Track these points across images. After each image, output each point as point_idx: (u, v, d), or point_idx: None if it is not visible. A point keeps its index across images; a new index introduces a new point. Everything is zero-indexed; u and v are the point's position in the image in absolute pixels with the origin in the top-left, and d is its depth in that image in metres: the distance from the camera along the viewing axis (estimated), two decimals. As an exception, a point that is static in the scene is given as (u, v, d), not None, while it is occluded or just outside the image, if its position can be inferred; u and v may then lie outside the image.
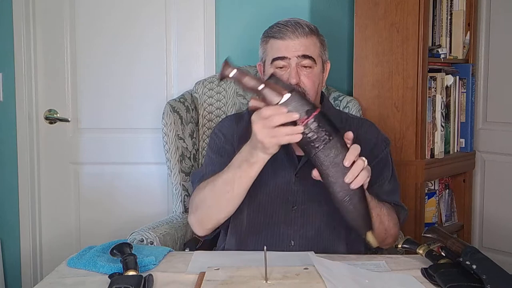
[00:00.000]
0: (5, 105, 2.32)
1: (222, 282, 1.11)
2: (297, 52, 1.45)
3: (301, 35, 1.46)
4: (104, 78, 2.32)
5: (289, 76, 1.45)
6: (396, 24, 2.05)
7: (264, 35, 1.54)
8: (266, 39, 1.52)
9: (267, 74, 1.52)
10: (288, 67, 1.46)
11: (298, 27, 1.47)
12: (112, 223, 2.33)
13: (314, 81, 1.47)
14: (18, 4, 2.26)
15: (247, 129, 1.55)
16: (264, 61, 1.54)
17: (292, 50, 1.45)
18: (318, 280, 1.13)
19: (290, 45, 1.46)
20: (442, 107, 2.20)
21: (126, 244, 1.24)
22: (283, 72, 1.46)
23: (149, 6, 2.29)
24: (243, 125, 1.57)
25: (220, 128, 1.59)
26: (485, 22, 2.46)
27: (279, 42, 1.47)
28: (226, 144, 1.53)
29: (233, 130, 1.56)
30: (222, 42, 2.28)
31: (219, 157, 1.51)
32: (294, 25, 1.47)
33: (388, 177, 1.51)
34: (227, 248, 1.49)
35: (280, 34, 1.47)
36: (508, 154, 2.42)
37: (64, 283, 1.18)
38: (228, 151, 1.51)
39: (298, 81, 1.44)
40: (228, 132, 1.56)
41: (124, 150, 2.34)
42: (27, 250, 2.36)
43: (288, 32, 1.46)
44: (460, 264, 1.14)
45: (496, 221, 2.45)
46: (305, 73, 1.46)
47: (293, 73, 1.44)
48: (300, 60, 1.45)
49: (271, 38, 1.50)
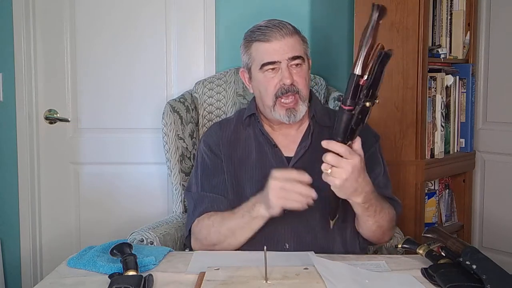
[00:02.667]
0: (5, 105, 2.32)
1: (222, 282, 1.11)
2: (287, 55, 1.45)
3: (286, 35, 1.46)
4: (104, 78, 2.32)
5: (282, 77, 1.44)
6: (396, 24, 2.05)
7: (246, 40, 1.52)
8: (249, 44, 1.50)
9: (255, 79, 1.52)
10: (279, 68, 1.45)
11: (282, 27, 1.46)
12: (112, 223, 2.33)
13: (305, 79, 1.48)
14: (18, 4, 2.26)
15: (234, 134, 1.57)
16: (249, 67, 1.52)
17: (281, 52, 1.45)
18: (318, 280, 1.13)
19: (277, 47, 1.45)
20: (442, 107, 2.20)
21: (126, 244, 1.24)
22: (274, 74, 1.46)
23: (149, 6, 2.29)
24: (230, 129, 1.58)
25: (205, 139, 1.61)
26: (485, 22, 2.45)
27: (266, 45, 1.46)
28: (213, 160, 1.55)
29: (218, 139, 1.57)
30: (222, 42, 2.28)
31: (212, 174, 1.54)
32: (278, 26, 1.47)
33: (381, 173, 1.51)
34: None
35: (265, 37, 1.46)
36: (508, 154, 2.42)
37: (64, 283, 1.18)
38: (217, 166, 1.54)
39: (292, 81, 1.44)
40: (214, 142, 1.57)
41: (124, 150, 2.34)
42: (27, 250, 2.36)
43: (273, 33, 1.45)
44: (460, 264, 1.14)
45: (496, 221, 2.45)
46: (295, 71, 1.46)
47: (287, 74, 1.44)
48: (290, 61, 1.45)
49: (255, 41, 1.48)
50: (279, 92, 1.45)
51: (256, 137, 1.55)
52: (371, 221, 1.38)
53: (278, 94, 1.46)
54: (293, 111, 1.47)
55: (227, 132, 1.58)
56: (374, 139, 1.55)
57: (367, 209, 1.34)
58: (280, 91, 1.45)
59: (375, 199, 1.34)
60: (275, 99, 1.46)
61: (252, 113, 1.57)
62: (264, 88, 1.48)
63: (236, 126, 1.59)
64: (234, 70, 2.06)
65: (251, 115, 1.58)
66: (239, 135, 1.57)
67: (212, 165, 1.55)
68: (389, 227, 1.44)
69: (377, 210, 1.35)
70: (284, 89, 1.45)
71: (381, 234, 1.44)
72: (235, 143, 1.56)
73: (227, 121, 1.65)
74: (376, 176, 1.49)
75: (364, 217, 1.37)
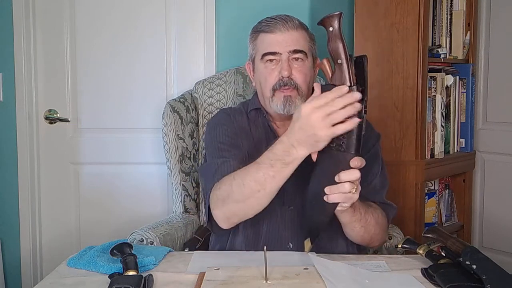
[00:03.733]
0: (5, 105, 2.32)
1: (222, 282, 1.11)
2: (289, 47, 1.44)
3: (291, 28, 1.46)
4: (104, 78, 2.32)
5: (280, 69, 1.43)
6: (396, 24, 2.05)
7: (253, 31, 1.53)
8: (255, 35, 1.51)
9: (257, 70, 1.51)
10: (280, 60, 1.45)
11: (288, 21, 1.46)
12: (112, 223, 2.33)
13: (305, 75, 1.46)
14: (18, 4, 2.26)
15: (244, 124, 1.53)
16: (253, 58, 1.53)
17: (283, 45, 1.44)
18: (318, 280, 1.13)
19: (280, 39, 1.45)
20: (442, 107, 2.20)
21: (126, 244, 1.24)
22: (274, 66, 1.45)
23: (149, 6, 2.29)
24: (243, 118, 1.56)
25: (219, 120, 1.56)
26: (485, 22, 2.45)
27: (270, 36, 1.46)
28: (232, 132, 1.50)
29: (232, 123, 1.54)
30: (222, 42, 2.28)
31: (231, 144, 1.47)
32: (284, 19, 1.47)
33: (377, 173, 1.50)
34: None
35: (269, 28, 1.46)
36: (508, 154, 2.42)
37: (64, 283, 1.18)
38: (236, 140, 1.48)
39: (290, 74, 1.43)
40: (228, 123, 1.53)
41: (124, 150, 2.34)
42: (27, 250, 2.36)
43: (278, 25, 1.45)
44: (460, 264, 1.14)
45: (496, 221, 2.45)
46: (296, 66, 1.45)
47: (285, 66, 1.43)
48: (291, 54, 1.45)
49: (260, 32, 1.49)
50: (277, 85, 1.44)
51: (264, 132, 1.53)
52: (358, 226, 1.35)
53: (276, 86, 1.45)
54: (289, 99, 1.43)
55: (238, 120, 1.55)
56: (376, 138, 1.55)
57: (354, 214, 1.32)
58: (278, 83, 1.44)
59: (357, 202, 1.29)
60: (273, 91, 1.45)
61: (257, 107, 1.56)
62: (264, 79, 1.48)
63: (244, 117, 1.58)
64: (234, 70, 2.06)
65: (257, 109, 1.57)
66: (249, 126, 1.56)
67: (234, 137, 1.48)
68: (376, 232, 1.41)
69: (362, 212, 1.33)
70: (282, 82, 1.43)
71: (369, 239, 1.41)
72: (246, 133, 1.53)
73: (233, 110, 1.61)
74: (373, 176, 1.48)
75: (352, 223, 1.35)
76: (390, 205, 1.51)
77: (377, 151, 1.53)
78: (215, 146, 1.48)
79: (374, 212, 1.39)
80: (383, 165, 1.53)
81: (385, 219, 1.45)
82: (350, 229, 1.38)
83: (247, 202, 1.27)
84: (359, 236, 1.40)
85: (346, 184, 1.15)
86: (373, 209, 1.40)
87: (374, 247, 1.54)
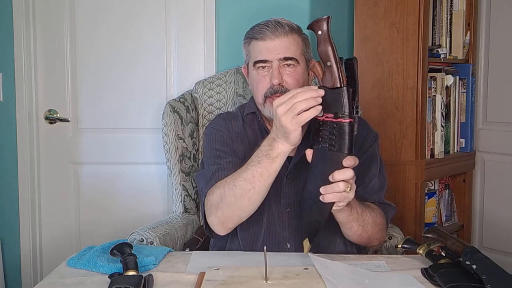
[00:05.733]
0: (5, 105, 2.33)
1: (222, 282, 1.11)
2: (278, 55, 1.44)
3: (281, 35, 1.45)
4: (104, 78, 2.32)
5: (271, 77, 1.44)
6: (396, 24, 2.05)
7: (246, 37, 1.53)
8: (248, 41, 1.52)
9: (251, 76, 1.52)
10: (271, 67, 1.45)
11: (278, 27, 1.46)
12: (112, 223, 2.33)
13: (298, 80, 1.46)
14: (18, 4, 2.26)
15: (239, 129, 1.55)
16: (247, 63, 1.54)
17: (273, 52, 1.44)
18: (318, 280, 1.13)
19: (270, 46, 1.45)
20: (442, 107, 2.20)
21: (126, 244, 1.24)
22: (266, 72, 1.46)
23: (149, 6, 2.29)
24: (239, 123, 1.57)
25: (215, 126, 1.57)
26: (485, 22, 2.46)
27: (260, 43, 1.46)
28: (228, 138, 1.52)
29: (228, 129, 1.55)
30: (222, 42, 2.28)
31: (226, 152, 1.49)
32: (274, 25, 1.46)
33: (376, 174, 1.50)
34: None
35: (260, 35, 1.46)
36: (508, 154, 2.42)
37: (64, 283, 1.18)
38: (232, 146, 1.50)
39: (280, 81, 1.43)
40: (224, 129, 1.55)
41: (124, 150, 2.34)
42: (27, 250, 2.36)
43: (268, 32, 1.45)
44: (460, 264, 1.14)
45: (496, 221, 2.45)
46: (288, 72, 1.45)
47: (275, 74, 1.43)
48: (281, 61, 1.45)
49: (252, 39, 1.49)
50: (268, 92, 1.45)
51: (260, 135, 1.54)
52: (356, 225, 1.36)
53: (267, 94, 1.45)
54: None
55: (233, 125, 1.56)
56: (373, 138, 1.55)
57: (351, 213, 1.32)
58: (270, 91, 1.45)
59: (353, 201, 1.30)
60: (265, 98, 1.46)
61: (253, 111, 1.57)
62: (256, 86, 1.49)
63: (240, 121, 1.59)
64: (234, 70, 2.06)
65: (253, 113, 1.58)
66: (244, 130, 1.57)
67: (229, 142, 1.51)
68: (374, 231, 1.41)
69: (359, 211, 1.34)
70: (273, 89, 1.44)
71: (367, 239, 1.41)
72: (242, 138, 1.55)
73: (231, 115, 1.62)
74: (371, 177, 1.48)
75: (349, 223, 1.35)
76: (389, 205, 1.51)
77: (375, 151, 1.53)
78: (211, 153, 1.51)
79: (371, 211, 1.40)
80: (381, 165, 1.53)
81: (384, 219, 1.45)
82: (347, 229, 1.38)
83: (239, 203, 1.30)
84: (357, 236, 1.40)
85: (340, 183, 1.17)
86: (370, 209, 1.40)
87: (373, 247, 1.54)
